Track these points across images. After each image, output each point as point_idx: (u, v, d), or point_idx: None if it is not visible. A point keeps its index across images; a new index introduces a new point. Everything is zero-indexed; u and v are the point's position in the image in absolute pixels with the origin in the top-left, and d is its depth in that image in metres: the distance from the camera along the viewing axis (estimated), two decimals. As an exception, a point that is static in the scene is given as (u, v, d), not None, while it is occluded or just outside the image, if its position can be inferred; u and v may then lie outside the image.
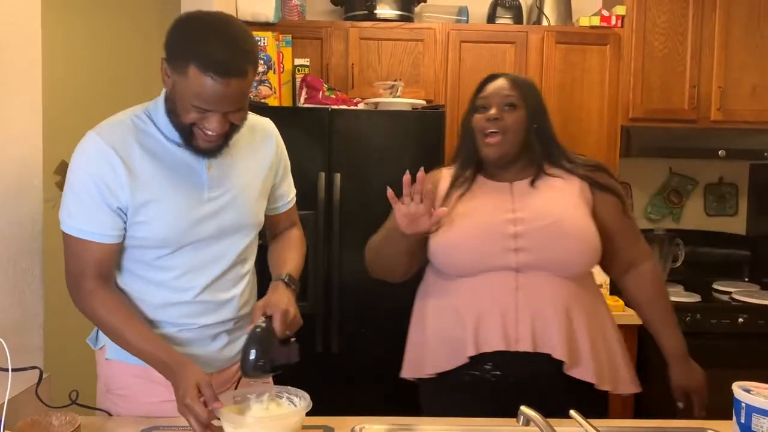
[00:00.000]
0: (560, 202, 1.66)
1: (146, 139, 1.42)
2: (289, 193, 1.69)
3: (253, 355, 1.34)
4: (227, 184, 1.48)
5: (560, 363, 1.55)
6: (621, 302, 2.97)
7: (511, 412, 1.49)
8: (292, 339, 1.42)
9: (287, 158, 1.66)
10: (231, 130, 1.39)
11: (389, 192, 1.54)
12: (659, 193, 3.55)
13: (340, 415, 1.48)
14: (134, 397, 1.51)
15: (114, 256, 1.45)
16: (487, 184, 1.73)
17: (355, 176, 2.62)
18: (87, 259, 1.41)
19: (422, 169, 1.54)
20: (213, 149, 1.40)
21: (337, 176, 2.59)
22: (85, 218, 1.39)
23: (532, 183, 1.69)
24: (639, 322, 2.83)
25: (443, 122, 2.67)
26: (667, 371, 1.77)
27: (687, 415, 1.73)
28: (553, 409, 1.32)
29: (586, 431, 1.19)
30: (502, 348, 1.55)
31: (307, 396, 1.35)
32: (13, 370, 1.24)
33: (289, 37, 2.87)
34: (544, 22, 3.22)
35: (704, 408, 1.74)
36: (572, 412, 1.21)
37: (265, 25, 2.95)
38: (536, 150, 1.70)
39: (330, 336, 2.56)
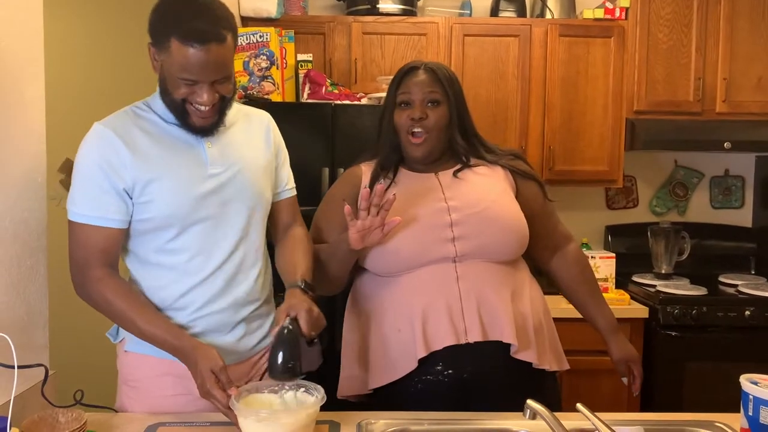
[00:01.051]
0: (489, 189, 1.66)
1: (146, 124, 1.49)
2: (288, 180, 1.69)
3: (281, 356, 1.33)
4: (228, 161, 1.51)
5: (508, 350, 1.53)
6: (626, 296, 2.97)
7: (472, 408, 1.48)
8: (315, 341, 1.41)
9: (285, 147, 1.68)
10: (222, 104, 1.45)
11: (347, 208, 1.50)
12: (664, 186, 3.53)
13: (346, 411, 1.48)
14: (147, 389, 1.52)
15: (118, 244, 1.47)
16: (412, 176, 1.70)
17: (358, 171, 2.61)
18: (92, 247, 1.43)
19: (381, 181, 1.51)
20: (208, 126, 1.46)
21: (340, 171, 2.58)
22: (89, 203, 1.43)
23: (456, 174, 1.68)
24: (645, 315, 2.88)
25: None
26: (607, 348, 1.82)
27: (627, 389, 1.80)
28: (512, 397, 1.30)
29: (593, 424, 1.19)
30: (452, 342, 1.51)
31: (321, 389, 1.34)
32: (18, 367, 1.24)
33: (291, 33, 2.86)
34: (548, 15, 3.21)
35: (641, 376, 1.81)
36: (579, 406, 1.20)
37: (267, 21, 2.95)
38: (460, 144, 1.69)
39: (335, 332, 2.56)
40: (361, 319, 1.66)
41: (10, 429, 1.18)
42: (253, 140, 1.59)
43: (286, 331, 1.35)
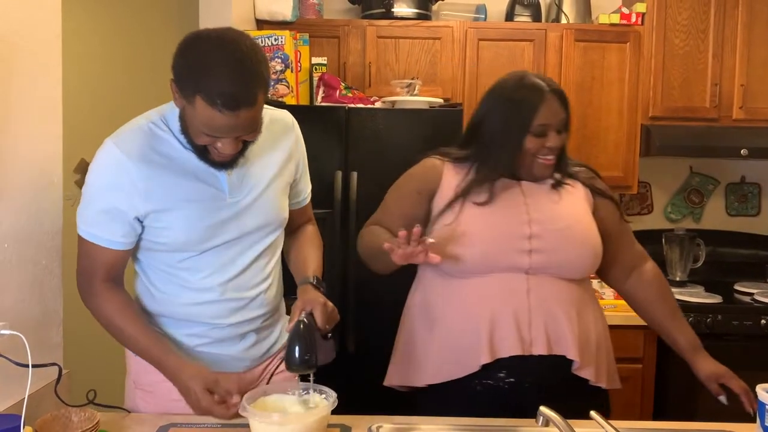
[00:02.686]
0: (572, 207, 1.67)
1: (163, 147, 1.41)
2: (306, 189, 1.69)
3: (297, 350, 1.36)
4: (249, 185, 1.48)
5: (569, 364, 1.54)
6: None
7: (522, 416, 1.48)
8: (329, 336, 1.43)
9: (305, 152, 1.66)
10: (246, 145, 1.39)
11: (387, 246, 1.48)
12: (680, 193, 3.50)
13: (356, 414, 1.48)
14: (159, 393, 1.52)
15: (124, 261, 1.48)
16: (499, 182, 1.69)
17: (371, 175, 2.61)
18: (98, 261, 1.44)
19: (418, 225, 1.49)
20: (229, 162, 1.40)
21: (354, 175, 2.59)
22: (97, 225, 1.42)
23: (544, 187, 1.67)
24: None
25: (461, 121, 2.65)
26: (692, 368, 1.71)
27: (735, 405, 1.61)
28: (564, 410, 1.29)
29: (607, 433, 1.18)
30: (518, 352, 1.53)
31: (333, 393, 1.35)
32: (32, 366, 1.24)
33: (306, 36, 2.87)
34: (563, 20, 3.19)
35: (748, 390, 1.60)
36: (593, 413, 1.19)
37: (282, 24, 2.95)
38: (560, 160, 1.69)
39: (346, 335, 2.56)
40: (425, 314, 1.67)
41: (23, 427, 1.19)
42: (274, 153, 1.53)
43: (302, 325, 1.38)
